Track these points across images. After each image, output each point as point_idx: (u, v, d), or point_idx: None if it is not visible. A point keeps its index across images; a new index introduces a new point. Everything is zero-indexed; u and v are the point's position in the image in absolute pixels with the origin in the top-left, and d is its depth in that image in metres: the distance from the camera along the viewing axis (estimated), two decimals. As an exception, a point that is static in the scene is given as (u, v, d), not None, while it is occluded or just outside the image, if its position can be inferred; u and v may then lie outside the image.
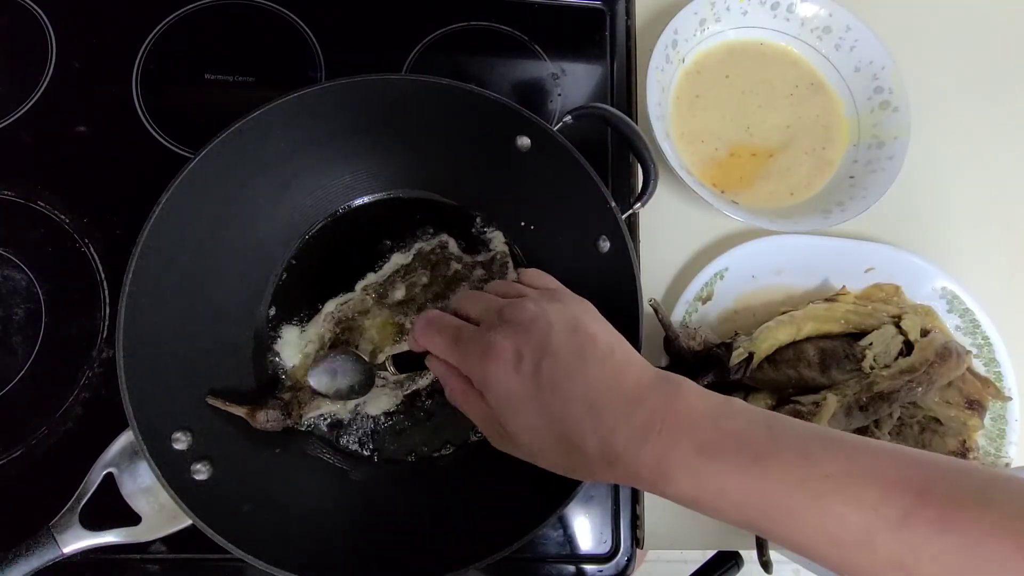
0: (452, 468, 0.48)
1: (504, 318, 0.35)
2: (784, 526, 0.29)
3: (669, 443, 0.31)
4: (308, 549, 0.41)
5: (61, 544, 0.41)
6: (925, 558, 0.26)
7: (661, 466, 0.31)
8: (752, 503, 0.29)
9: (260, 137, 0.45)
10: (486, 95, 0.45)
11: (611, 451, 0.32)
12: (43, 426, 0.47)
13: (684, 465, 0.30)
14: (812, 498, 0.28)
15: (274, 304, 0.50)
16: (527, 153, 0.47)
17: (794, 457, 0.29)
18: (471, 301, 0.39)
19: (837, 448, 0.29)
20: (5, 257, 0.51)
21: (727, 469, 0.30)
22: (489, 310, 0.37)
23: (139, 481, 0.43)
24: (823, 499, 0.28)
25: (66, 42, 0.56)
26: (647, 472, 0.31)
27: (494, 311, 0.36)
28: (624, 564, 0.50)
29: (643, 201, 0.46)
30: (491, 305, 0.37)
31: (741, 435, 0.30)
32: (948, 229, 0.61)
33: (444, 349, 0.38)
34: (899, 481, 0.27)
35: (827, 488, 0.28)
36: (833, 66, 0.61)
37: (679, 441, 0.31)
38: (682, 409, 0.32)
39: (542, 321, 0.34)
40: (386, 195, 0.53)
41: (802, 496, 0.28)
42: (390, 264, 0.51)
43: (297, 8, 0.59)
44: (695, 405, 0.32)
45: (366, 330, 0.50)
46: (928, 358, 0.49)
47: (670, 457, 0.31)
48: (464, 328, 0.37)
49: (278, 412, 0.45)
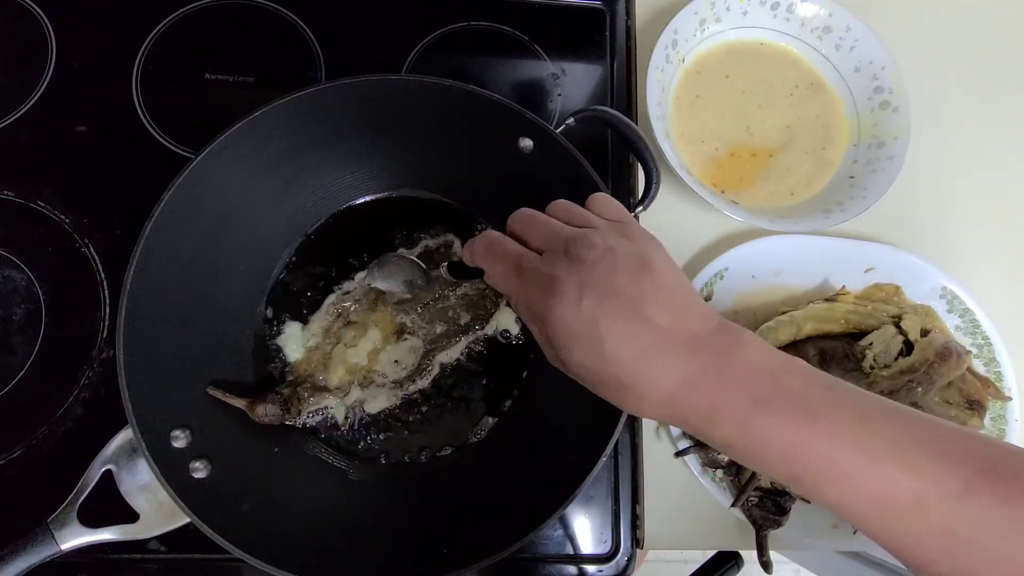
0: (452, 468, 0.48)
1: (569, 252, 0.33)
2: (828, 482, 0.29)
3: (722, 390, 0.31)
4: (307, 549, 0.41)
5: (59, 541, 0.41)
6: (984, 528, 0.27)
7: (710, 412, 0.31)
8: (799, 457, 0.30)
9: (261, 137, 0.45)
10: (488, 96, 0.45)
11: (662, 394, 0.32)
12: (43, 426, 0.48)
13: (733, 413, 0.31)
14: (867, 460, 0.28)
15: (275, 302, 0.50)
16: (529, 154, 0.47)
17: (851, 419, 0.29)
18: (533, 226, 0.37)
19: (896, 417, 0.30)
20: (5, 257, 0.51)
21: (778, 422, 0.30)
22: (554, 239, 0.35)
23: (138, 478, 0.43)
24: (879, 463, 0.28)
25: (66, 42, 0.56)
26: (695, 416, 0.32)
27: (560, 242, 0.34)
28: (624, 564, 0.50)
29: (645, 205, 0.46)
30: (556, 234, 0.35)
31: (797, 392, 0.30)
32: (948, 229, 0.61)
33: (503, 277, 0.37)
34: (961, 455, 0.28)
35: (885, 453, 0.28)
36: (833, 66, 0.61)
37: (732, 390, 0.31)
38: (740, 361, 0.32)
39: (608, 260, 0.33)
40: (387, 195, 0.53)
41: (856, 456, 0.29)
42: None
43: (297, 8, 0.59)
44: (754, 358, 0.32)
45: (367, 329, 0.50)
46: (928, 358, 0.49)
47: (720, 404, 0.31)
48: (526, 258, 0.36)
49: (277, 407, 0.45)
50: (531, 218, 0.38)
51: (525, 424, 0.49)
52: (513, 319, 0.52)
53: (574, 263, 0.33)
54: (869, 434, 0.29)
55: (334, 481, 0.47)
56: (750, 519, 0.48)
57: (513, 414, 0.50)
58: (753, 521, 0.48)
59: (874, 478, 0.28)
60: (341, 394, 0.48)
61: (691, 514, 0.52)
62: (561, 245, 0.34)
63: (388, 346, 0.50)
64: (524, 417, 0.50)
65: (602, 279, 0.32)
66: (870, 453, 0.29)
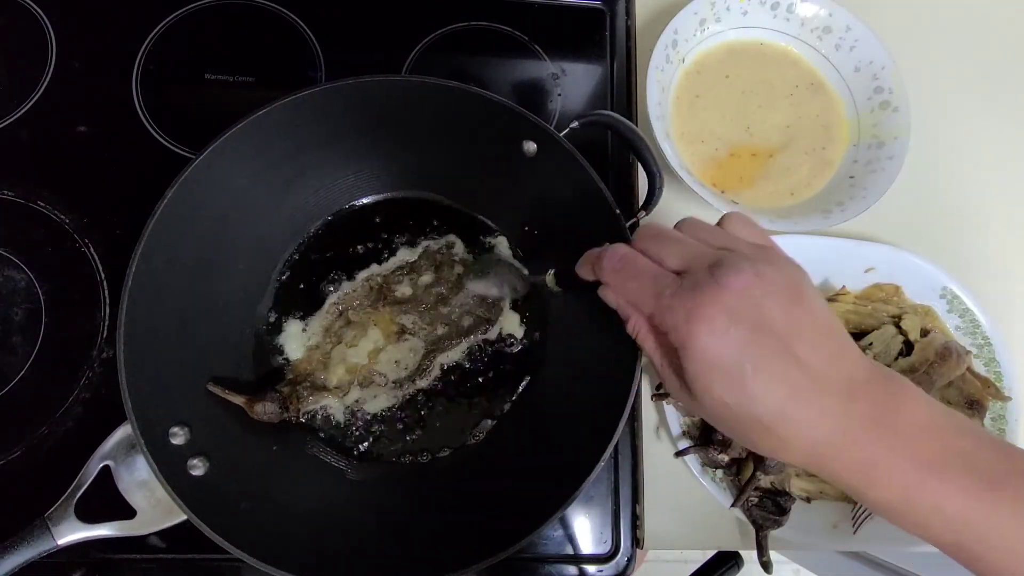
0: (451, 469, 0.48)
1: (715, 276, 0.30)
2: (1003, 556, 0.28)
3: (883, 448, 0.29)
4: (306, 549, 0.41)
5: (56, 536, 0.41)
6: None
7: (868, 469, 0.29)
8: (972, 528, 0.28)
9: (261, 137, 0.45)
10: (491, 98, 0.45)
11: (810, 442, 0.30)
12: (43, 425, 0.48)
13: (897, 474, 0.29)
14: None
15: (276, 301, 0.50)
16: (532, 158, 0.47)
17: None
18: (668, 243, 0.34)
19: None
20: (5, 257, 0.51)
21: (951, 489, 0.28)
22: (696, 260, 0.32)
23: (135, 475, 0.43)
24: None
25: (66, 42, 0.56)
26: (848, 472, 0.30)
27: (703, 264, 0.31)
28: (624, 564, 0.50)
29: (648, 210, 0.46)
30: (698, 255, 0.32)
31: (971, 455, 0.29)
32: (948, 229, 0.61)
33: (639, 297, 0.33)
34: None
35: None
36: (833, 66, 0.61)
37: (896, 449, 0.29)
38: (904, 415, 0.29)
39: (758, 288, 0.30)
40: (389, 195, 0.53)
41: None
42: (396, 259, 0.52)
43: (297, 8, 0.59)
44: (919, 413, 0.30)
45: (368, 329, 0.50)
46: (928, 358, 0.49)
47: (881, 463, 0.29)
48: (663, 279, 0.32)
49: (276, 405, 0.45)
50: (666, 235, 0.34)
51: (525, 425, 0.49)
52: (517, 324, 0.52)
53: (721, 289, 0.30)
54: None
55: (333, 481, 0.47)
56: (750, 519, 0.48)
57: (513, 415, 0.50)
58: (753, 521, 0.48)
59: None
60: (341, 393, 0.48)
61: (691, 514, 0.52)
62: (704, 268, 0.31)
63: (388, 346, 0.50)
64: (524, 418, 0.50)
65: (752, 309, 0.30)
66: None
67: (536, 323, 0.52)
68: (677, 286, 0.32)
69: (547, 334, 0.51)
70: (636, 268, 0.34)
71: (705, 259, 0.32)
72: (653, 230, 0.35)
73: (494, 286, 0.49)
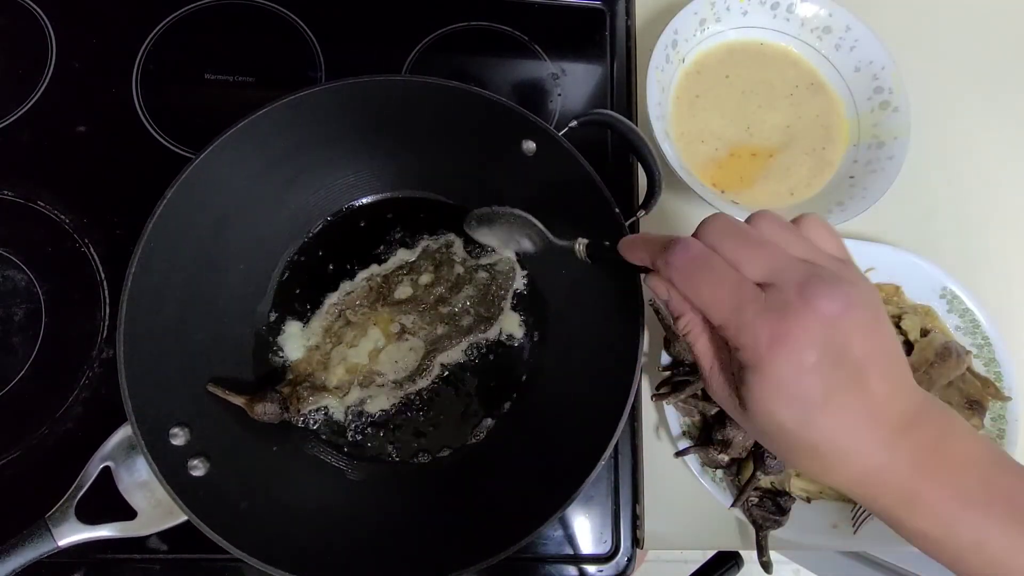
0: (451, 469, 0.48)
1: (807, 299, 0.28)
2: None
3: (928, 480, 0.29)
4: (305, 549, 0.41)
5: (56, 537, 0.41)
6: None
7: (911, 500, 0.29)
8: (1009, 566, 0.28)
9: (261, 137, 0.45)
10: (491, 97, 0.45)
11: (857, 471, 0.30)
12: (43, 426, 0.48)
13: (939, 506, 0.29)
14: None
15: (276, 301, 0.50)
16: (530, 156, 0.47)
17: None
18: (748, 248, 0.30)
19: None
20: (5, 257, 0.51)
21: (992, 525, 0.28)
22: (782, 273, 0.29)
23: (136, 476, 0.43)
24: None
25: (66, 42, 0.56)
26: (890, 500, 0.30)
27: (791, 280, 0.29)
28: (624, 564, 0.50)
29: (648, 209, 0.46)
30: (784, 267, 0.30)
31: (1015, 493, 0.29)
32: (948, 229, 0.61)
33: (711, 304, 0.30)
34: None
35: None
36: (833, 66, 0.61)
37: (940, 481, 0.29)
38: (952, 447, 0.29)
39: (850, 318, 0.28)
40: (389, 195, 0.53)
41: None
42: (395, 259, 0.52)
43: (297, 8, 0.59)
44: (965, 447, 0.30)
45: (368, 329, 0.50)
46: (928, 358, 0.49)
47: (924, 495, 0.29)
48: (745, 291, 0.29)
49: (276, 405, 0.45)
50: (744, 234, 0.31)
51: (525, 426, 0.49)
52: (517, 324, 0.52)
53: (812, 313, 0.28)
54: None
55: (333, 481, 0.47)
56: (750, 519, 0.48)
57: (513, 415, 0.50)
58: (753, 521, 0.48)
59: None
60: (341, 394, 0.48)
61: (691, 514, 0.52)
62: (794, 286, 0.29)
63: (389, 346, 0.50)
64: (524, 419, 0.50)
65: (840, 340, 0.28)
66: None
67: (536, 323, 0.52)
68: (762, 304, 0.29)
69: (547, 334, 0.52)
70: (713, 272, 0.30)
71: (793, 274, 0.29)
72: (727, 225, 0.31)
73: (497, 238, 0.46)
